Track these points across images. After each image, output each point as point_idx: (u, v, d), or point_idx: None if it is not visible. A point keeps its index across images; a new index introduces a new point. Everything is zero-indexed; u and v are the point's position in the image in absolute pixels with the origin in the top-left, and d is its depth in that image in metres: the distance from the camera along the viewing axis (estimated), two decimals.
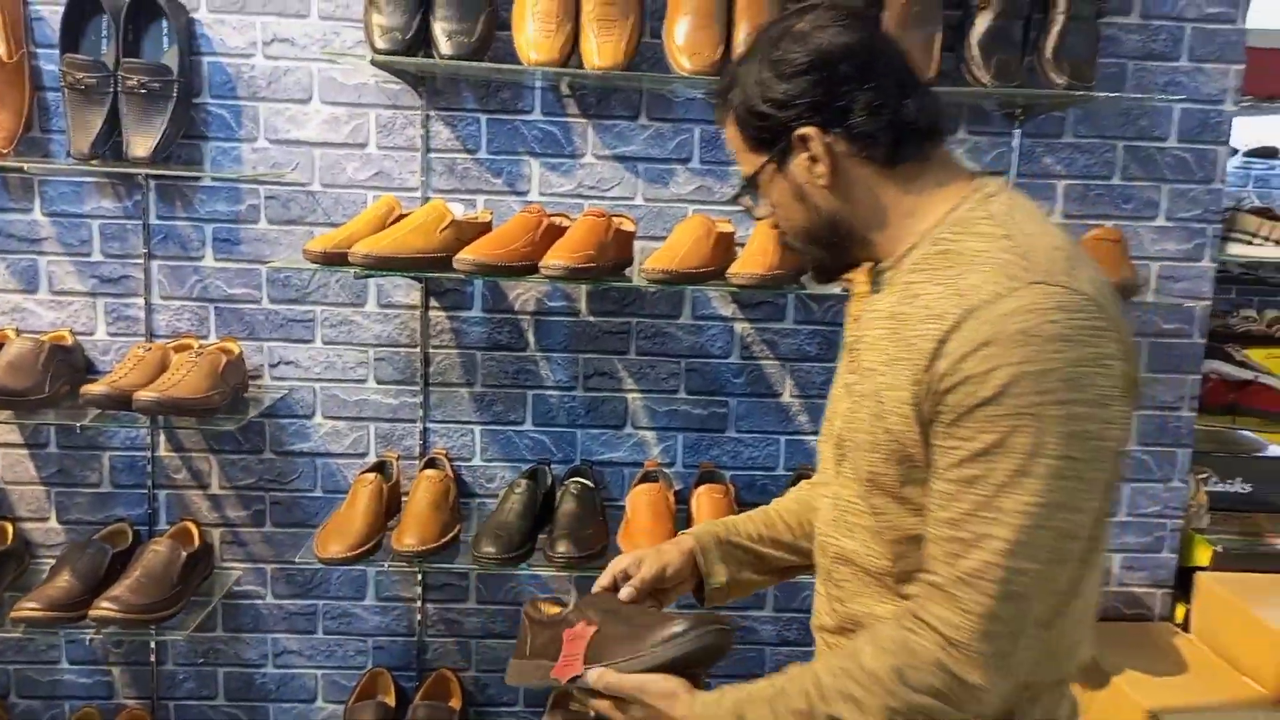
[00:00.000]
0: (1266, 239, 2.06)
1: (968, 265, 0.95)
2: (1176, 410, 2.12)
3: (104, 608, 1.73)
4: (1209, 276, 2.07)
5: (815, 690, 0.98)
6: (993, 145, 2.01)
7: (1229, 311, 3.70)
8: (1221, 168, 2.03)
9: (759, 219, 1.16)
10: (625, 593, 1.19)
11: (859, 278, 1.15)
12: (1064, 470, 0.89)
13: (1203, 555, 2.16)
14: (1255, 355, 3.21)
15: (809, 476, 1.93)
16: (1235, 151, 3.88)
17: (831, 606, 1.14)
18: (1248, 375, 2.24)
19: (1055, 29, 1.80)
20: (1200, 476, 2.25)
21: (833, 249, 1.09)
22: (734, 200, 1.16)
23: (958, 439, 0.92)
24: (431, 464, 1.99)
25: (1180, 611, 2.18)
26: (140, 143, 1.83)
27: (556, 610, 1.19)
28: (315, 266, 1.73)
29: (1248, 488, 2.28)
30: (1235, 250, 2.10)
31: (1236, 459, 2.32)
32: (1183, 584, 2.17)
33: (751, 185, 1.11)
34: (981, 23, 1.79)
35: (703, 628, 1.05)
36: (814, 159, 1.02)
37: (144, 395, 1.68)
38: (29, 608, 1.74)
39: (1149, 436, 2.13)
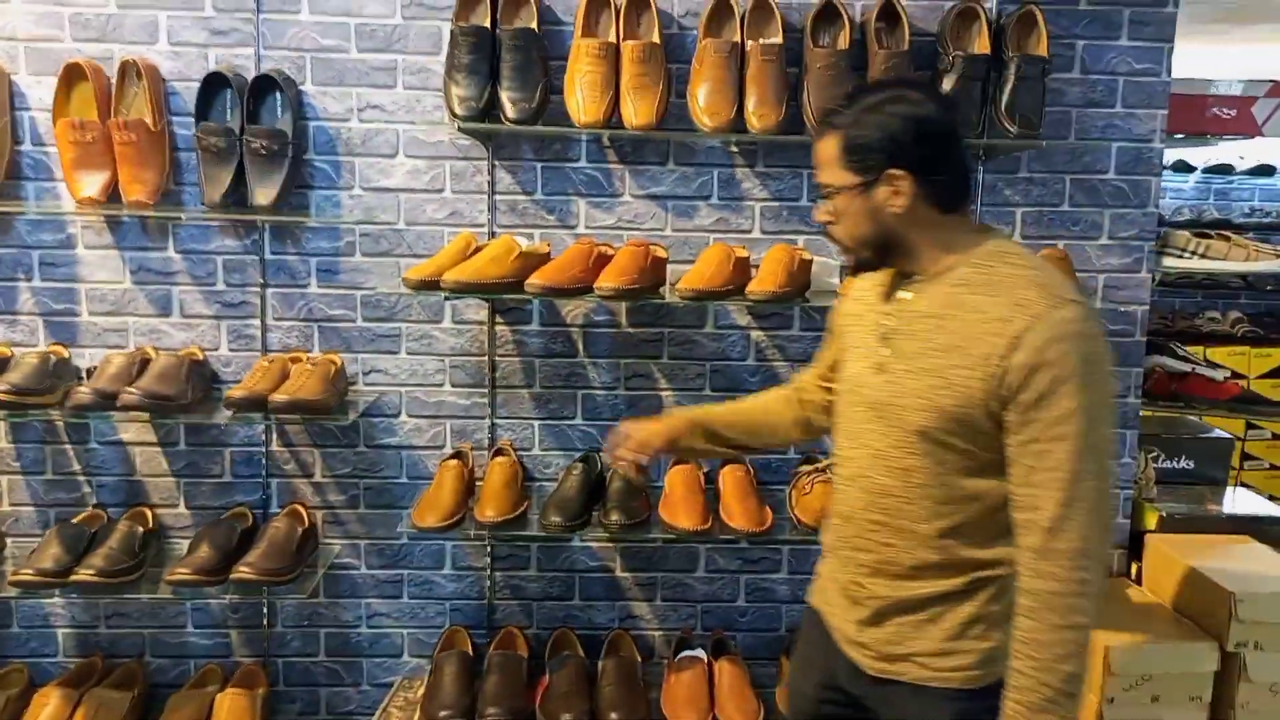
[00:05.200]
0: (1194, 254, 2.45)
1: (1012, 285, 1.36)
2: (1124, 398, 2.50)
3: (243, 571, 2.09)
4: (1146, 285, 2.46)
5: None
6: None
7: (1195, 314, 4.11)
8: (1154, 194, 2.43)
9: (820, 219, 1.51)
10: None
11: (852, 283, 1.60)
12: (1109, 417, 1.36)
13: (1151, 520, 2.53)
14: (1220, 353, 3.61)
15: (817, 461, 2.33)
16: (1192, 169, 4.29)
17: (869, 537, 1.50)
18: (1186, 368, 2.63)
19: (1008, 88, 2.18)
20: (1150, 454, 2.63)
21: (881, 254, 1.47)
22: (825, 198, 1.48)
23: (1045, 409, 1.30)
24: (499, 453, 2.38)
25: (1134, 568, 2.54)
26: (263, 193, 2.24)
27: None
28: (413, 292, 2.12)
29: (1190, 464, 2.67)
30: (1169, 263, 2.49)
31: (1180, 440, 2.70)
32: (1134, 546, 2.54)
33: (828, 195, 1.46)
34: (947, 83, 2.18)
35: None
36: (896, 193, 1.40)
37: (278, 397, 2.08)
38: (182, 572, 2.10)
39: None
